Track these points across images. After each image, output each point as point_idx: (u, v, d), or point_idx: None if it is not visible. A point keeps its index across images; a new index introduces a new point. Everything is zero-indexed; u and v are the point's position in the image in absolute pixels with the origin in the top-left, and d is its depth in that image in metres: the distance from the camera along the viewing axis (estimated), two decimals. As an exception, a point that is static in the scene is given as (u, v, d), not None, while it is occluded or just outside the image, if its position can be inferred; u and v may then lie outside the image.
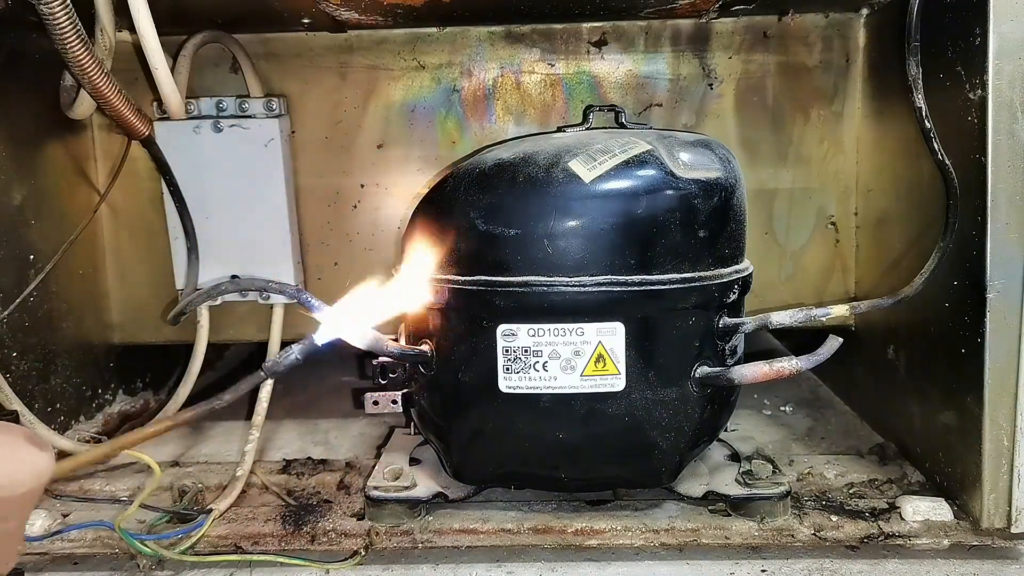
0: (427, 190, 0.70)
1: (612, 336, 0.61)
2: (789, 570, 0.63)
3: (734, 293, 0.65)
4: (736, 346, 0.69)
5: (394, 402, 0.70)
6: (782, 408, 1.01)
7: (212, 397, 0.48)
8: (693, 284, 0.62)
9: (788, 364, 0.61)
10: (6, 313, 0.75)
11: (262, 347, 0.88)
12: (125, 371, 0.99)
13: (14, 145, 0.80)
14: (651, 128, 0.71)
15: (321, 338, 0.52)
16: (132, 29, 0.72)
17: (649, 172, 0.62)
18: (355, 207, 0.93)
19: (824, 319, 0.65)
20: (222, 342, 0.94)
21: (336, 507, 0.72)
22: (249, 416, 0.84)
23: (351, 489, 0.77)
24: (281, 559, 0.66)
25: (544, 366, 0.62)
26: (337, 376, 1.17)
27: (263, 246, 0.88)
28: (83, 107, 0.83)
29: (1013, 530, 0.65)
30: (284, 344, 0.85)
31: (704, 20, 0.89)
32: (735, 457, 0.76)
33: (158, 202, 0.89)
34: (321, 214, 0.93)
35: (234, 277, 0.84)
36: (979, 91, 0.63)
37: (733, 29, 0.91)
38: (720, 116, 0.92)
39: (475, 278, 0.63)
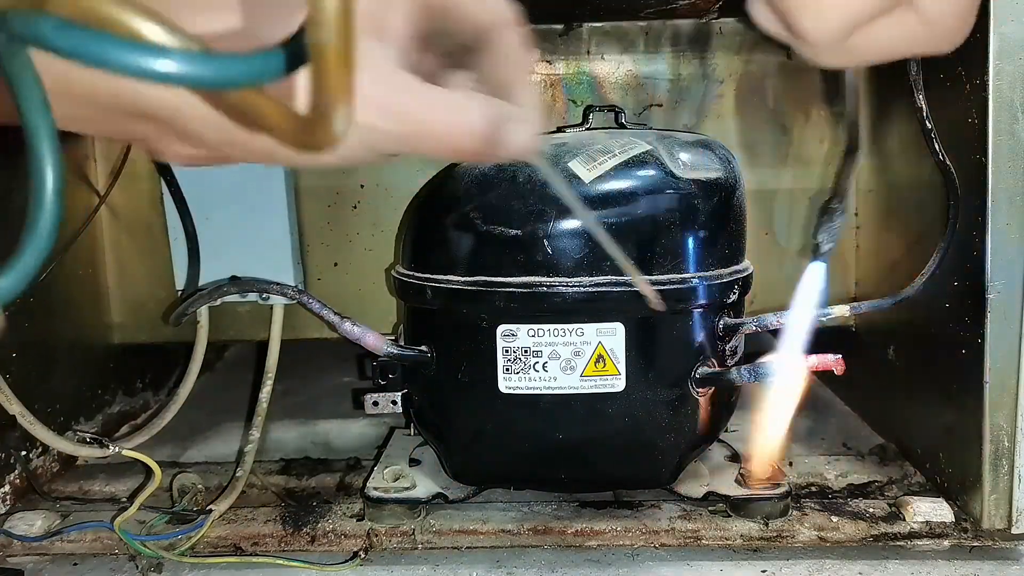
0: (427, 190, 0.70)
1: (612, 336, 0.61)
2: (790, 571, 0.63)
3: (734, 293, 0.65)
4: (736, 347, 0.69)
5: (394, 402, 0.70)
6: (782, 408, 1.00)
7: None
8: (693, 284, 0.62)
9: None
10: (5, 313, 0.75)
11: (262, 347, 0.88)
12: (124, 371, 0.99)
13: (14, 146, 0.80)
14: (651, 128, 0.71)
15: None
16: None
17: (649, 172, 0.62)
18: (355, 207, 0.93)
19: (824, 319, 0.65)
20: (222, 342, 0.94)
21: (336, 508, 0.72)
22: (249, 416, 0.84)
23: (351, 490, 0.77)
24: (280, 560, 0.66)
25: (544, 366, 0.62)
26: (337, 376, 1.17)
27: (263, 246, 0.88)
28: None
29: (1014, 531, 0.65)
30: (284, 344, 0.85)
31: (704, 20, 0.89)
32: (735, 457, 0.76)
33: (158, 202, 0.89)
34: (321, 214, 0.93)
35: (234, 278, 0.84)
36: (979, 91, 0.63)
37: (734, 29, 0.91)
38: (720, 116, 0.92)
39: (475, 278, 0.62)
